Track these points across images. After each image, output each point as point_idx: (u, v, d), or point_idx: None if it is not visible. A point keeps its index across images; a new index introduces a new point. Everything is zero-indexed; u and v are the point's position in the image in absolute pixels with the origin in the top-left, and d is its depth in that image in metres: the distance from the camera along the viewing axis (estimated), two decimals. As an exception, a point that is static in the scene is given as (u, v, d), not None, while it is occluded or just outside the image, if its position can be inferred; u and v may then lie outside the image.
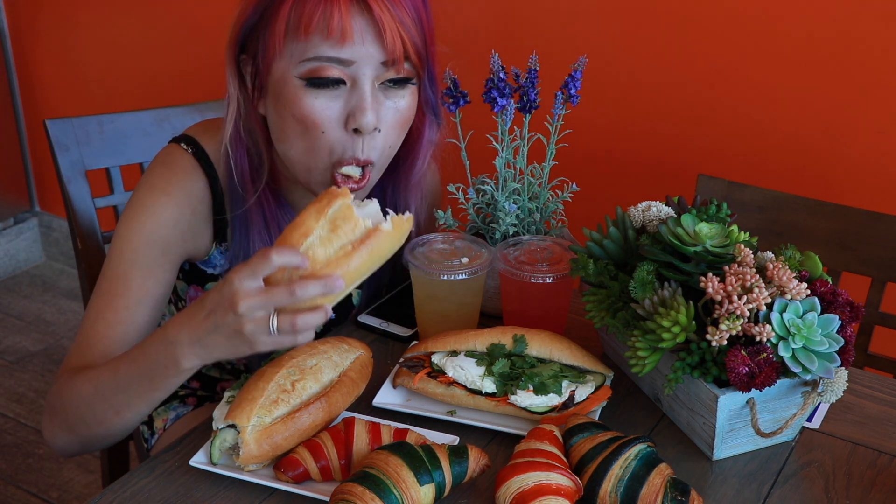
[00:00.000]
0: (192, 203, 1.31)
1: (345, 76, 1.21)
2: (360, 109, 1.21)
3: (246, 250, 1.33)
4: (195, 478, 1.13)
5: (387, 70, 1.22)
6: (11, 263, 3.28)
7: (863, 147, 1.91)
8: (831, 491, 1.14)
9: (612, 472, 1.07)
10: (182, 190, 1.30)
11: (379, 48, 1.20)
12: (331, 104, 1.22)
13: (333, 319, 1.47)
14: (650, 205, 1.29)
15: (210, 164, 1.32)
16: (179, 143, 1.34)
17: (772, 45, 1.93)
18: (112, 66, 2.91)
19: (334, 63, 1.20)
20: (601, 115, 2.13)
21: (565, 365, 1.25)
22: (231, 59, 1.27)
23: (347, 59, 1.20)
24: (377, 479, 1.04)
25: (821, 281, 1.16)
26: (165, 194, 1.29)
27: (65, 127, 1.66)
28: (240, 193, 1.31)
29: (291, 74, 1.21)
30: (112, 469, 1.77)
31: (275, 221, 1.34)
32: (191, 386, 1.59)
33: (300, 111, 1.22)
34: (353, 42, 1.18)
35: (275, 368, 1.16)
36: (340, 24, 1.17)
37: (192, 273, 1.40)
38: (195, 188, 1.31)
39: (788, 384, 1.15)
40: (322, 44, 1.19)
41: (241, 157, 1.29)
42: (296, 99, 1.21)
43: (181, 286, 1.42)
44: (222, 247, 1.37)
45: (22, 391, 2.72)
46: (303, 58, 1.20)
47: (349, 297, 1.49)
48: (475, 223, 1.50)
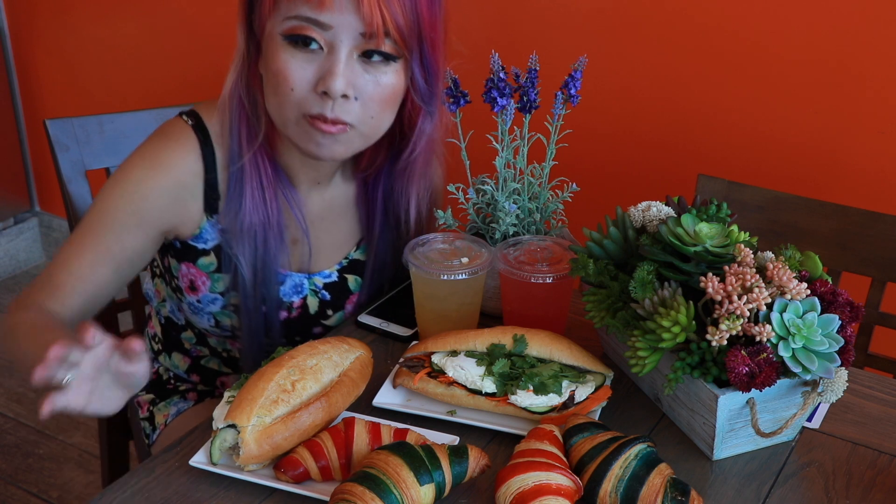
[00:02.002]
0: (178, 177, 1.34)
1: (323, 41, 1.24)
2: (330, 74, 1.23)
3: (238, 206, 1.35)
4: (195, 478, 1.13)
5: (366, 42, 1.24)
6: (11, 263, 3.28)
7: (863, 147, 1.91)
8: (831, 491, 1.14)
9: (612, 472, 1.07)
10: (170, 163, 1.33)
11: (357, 18, 1.22)
12: (305, 65, 1.25)
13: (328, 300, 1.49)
14: (650, 205, 1.29)
15: (208, 137, 1.35)
16: (182, 115, 1.37)
17: (772, 46, 1.93)
18: (112, 66, 2.91)
19: (313, 25, 1.23)
20: (601, 116, 2.13)
21: (565, 365, 1.25)
22: (242, 15, 1.30)
23: (326, 23, 1.22)
24: (377, 479, 1.04)
25: (821, 281, 1.16)
26: (152, 167, 1.33)
27: (65, 127, 1.67)
28: (237, 150, 1.34)
29: (276, 31, 1.25)
30: (112, 469, 1.77)
31: (268, 180, 1.36)
32: (191, 380, 1.60)
33: (275, 65, 1.25)
34: (332, 9, 1.21)
35: (275, 368, 1.16)
36: None
37: (183, 251, 1.41)
38: (186, 161, 1.34)
39: (788, 384, 1.15)
40: (304, 5, 1.22)
41: (238, 112, 1.33)
42: (275, 55, 1.25)
43: (174, 264, 1.43)
44: (213, 219, 1.38)
45: (22, 391, 2.72)
46: (286, 15, 1.23)
47: (345, 282, 1.50)
48: (475, 223, 1.50)
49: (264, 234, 1.37)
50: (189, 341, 1.56)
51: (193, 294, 1.43)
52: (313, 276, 1.47)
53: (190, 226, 1.38)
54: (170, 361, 1.60)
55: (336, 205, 1.47)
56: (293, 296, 1.46)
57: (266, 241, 1.37)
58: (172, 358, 1.59)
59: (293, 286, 1.45)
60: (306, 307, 1.47)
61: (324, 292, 1.48)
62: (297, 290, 1.46)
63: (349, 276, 1.49)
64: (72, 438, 2.54)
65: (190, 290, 1.43)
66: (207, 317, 1.45)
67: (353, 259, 1.50)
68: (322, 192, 1.44)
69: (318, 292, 1.47)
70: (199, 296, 1.43)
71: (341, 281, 1.49)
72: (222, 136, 1.36)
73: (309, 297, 1.47)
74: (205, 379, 1.60)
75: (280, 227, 1.39)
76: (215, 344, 1.54)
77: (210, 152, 1.35)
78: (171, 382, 1.61)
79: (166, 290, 1.51)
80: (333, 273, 1.48)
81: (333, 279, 1.48)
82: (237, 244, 1.36)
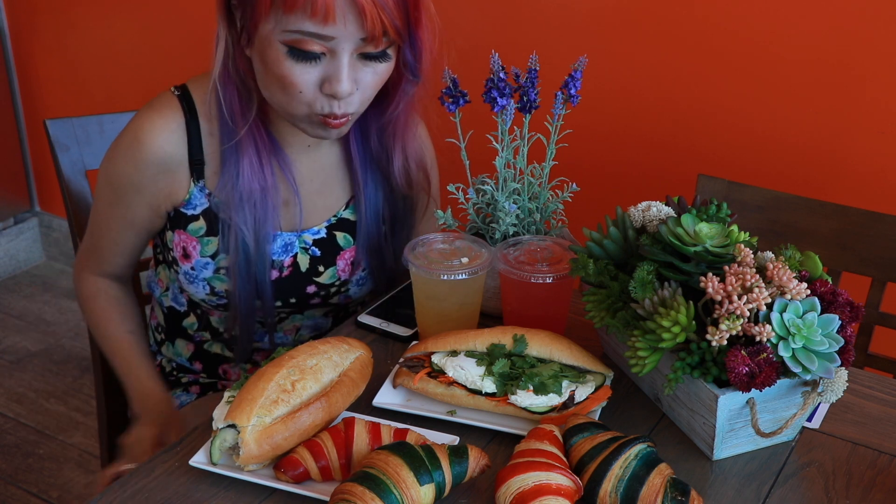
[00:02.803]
0: (162, 146, 1.40)
1: (325, 49, 1.27)
2: (336, 79, 1.28)
3: (234, 179, 1.40)
4: (195, 478, 1.13)
5: (366, 45, 1.28)
6: (11, 263, 3.28)
7: (863, 147, 1.91)
8: (831, 491, 1.14)
9: (612, 472, 1.07)
10: (154, 132, 1.40)
11: (359, 27, 1.25)
12: (309, 70, 1.29)
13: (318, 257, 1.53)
14: (650, 205, 1.28)
15: (192, 106, 1.42)
16: (173, 88, 1.44)
17: (772, 45, 1.93)
18: (112, 67, 2.91)
19: (315, 38, 1.26)
20: (601, 116, 2.13)
21: (565, 365, 1.25)
22: (221, 2, 1.33)
23: (328, 35, 1.25)
24: (377, 479, 1.04)
25: (821, 281, 1.16)
26: (136, 139, 1.40)
27: (65, 127, 1.67)
28: (230, 127, 1.39)
29: (275, 38, 1.27)
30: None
31: (265, 151, 1.42)
32: (194, 368, 1.61)
33: (279, 72, 1.29)
34: (335, 23, 1.24)
35: (275, 368, 1.16)
36: (324, 7, 1.23)
37: (175, 219, 1.46)
38: (168, 130, 1.40)
39: (788, 384, 1.15)
40: (306, 20, 1.24)
41: (230, 92, 1.38)
42: (277, 62, 1.29)
43: (169, 237, 1.48)
44: (200, 183, 1.43)
45: (22, 391, 2.72)
46: (286, 28, 1.26)
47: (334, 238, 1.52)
48: (475, 223, 1.50)
49: (263, 199, 1.42)
50: (191, 328, 1.59)
51: (187, 262, 1.47)
52: (303, 234, 1.50)
53: (180, 193, 1.44)
54: (173, 350, 1.62)
55: (326, 164, 1.51)
56: (283, 254, 1.49)
57: (264, 205, 1.42)
58: (176, 346, 1.61)
59: (283, 245, 1.48)
60: (297, 265, 1.50)
61: (314, 248, 1.50)
62: (287, 248, 1.49)
63: (338, 234, 1.52)
64: (72, 438, 2.54)
65: (184, 258, 1.47)
66: (203, 284, 1.48)
67: (342, 217, 1.53)
68: (311, 153, 1.49)
69: (307, 249, 1.50)
70: (192, 262, 1.47)
71: (330, 237, 1.52)
72: (211, 113, 1.41)
73: (299, 255, 1.50)
74: (208, 366, 1.61)
75: (276, 190, 1.44)
76: (217, 324, 1.56)
77: (194, 120, 1.42)
78: (173, 374, 1.63)
79: (167, 273, 1.56)
80: (322, 230, 1.51)
81: (322, 235, 1.51)
82: (237, 212, 1.41)
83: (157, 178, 1.42)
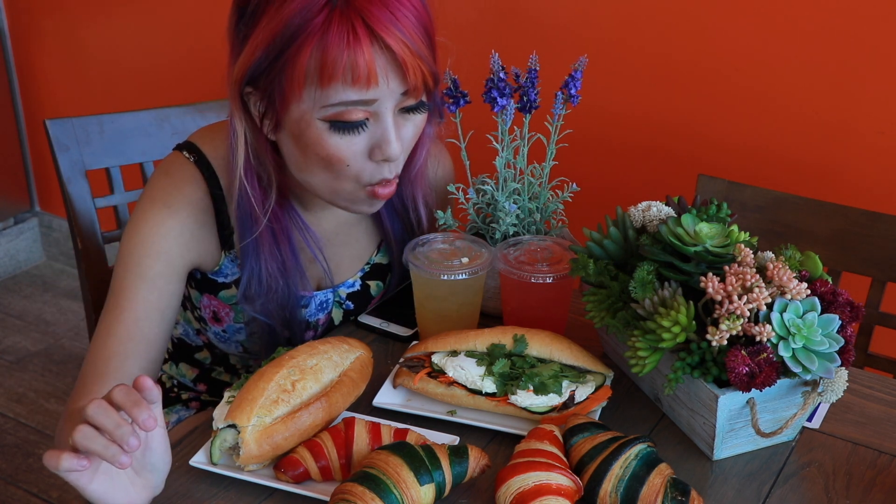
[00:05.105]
0: (194, 213, 1.30)
1: (368, 114, 1.20)
2: (385, 142, 1.21)
3: (258, 272, 1.32)
4: (195, 478, 1.13)
5: (406, 98, 1.22)
6: (11, 263, 3.28)
7: (863, 147, 1.91)
8: (831, 491, 1.14)
9: (612, 472, 1.08)
10: (183, 200, 1.30)
11: (400, 82, 1.19)
12: (355, 140, 1.21)
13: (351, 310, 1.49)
14: (650, 205, 1.29)
15: (212, 172, 1.32)
16: (182, 150, 1.33)
17: (772, 46, 1.93)
18: (112, 66, 2.91)
19: (359, 106, 1.19)
20: (601, 115, 2.13)
21: (565, 365, 1.25)
22: (235, 96, 1.23)
23: (371, 98, 1.19)
24: (377, 479, 1.04)
25: (821, 281, 1.16)
26: (167, 206, 1.29)
27: (65, 127, 1.66)
28: (250, 219, 1.30)
29: (313, 117, 1.19)
30: (112, 469, 1.76)
31: (283, 234, 1.33)
32: (196, 389, 1.59)
33: (325, 151, 1.21)
34: (377, 84, 1.17)
35: (275, 368, 1.16)
36: (366, 70, 1.15)
37: (203, 282, 1.39)
38: (196, 198, 1.31)
39: (788, 384, 1.15)
40: (347, 90, 1.17)
41: (252, 183, 1.28)
42: (320, 140, 1.21)
43: (195, 295, 1.41)
44: (231, 254, 1.36)
45: (22, 391, 2.72)
46: (326, 103, 1.18)
47: (367, 289, 1.49)
48: (475, 223, 1.50)
49: (285, 281, 1.35)
50: (204, 361, 1.56)
51: (218, 325, 1.42)
52: (338, 289, 1.46)
53: (210, 261, 1.36)
54: (176, 370, 1.58)
55: (350, 218, 1.45)
56: (319, 314, 1.45)
57: (287, 283, 1.35)
58: (180, 367, 1.58)
59: (318, 305, 1.44)
60: (331, 321, 1.47)
61: (347, 303, 1.48)
62: (323, 306, 1.45)
63: (371, 283, 1.49)
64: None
65: (214, 321, 1.42)
66: (235, 345, 1.44)
67: (375, 263, 1.49)
68: (332, 209, 1.41)
69: (342, 303, 1.47)
70: (224, 326, 1.42)
71: (364, 288, 1.48)
72: (231, 207, 1.31)
73: (334, 310, 1.47)
74: (212, 389, 1.58)
75: (299, 266, 1.36)
76: (235, 362, 1.54)
77: (217, 186, 1.32)
78: (174, 391, 1.60)
79: (184, 315, 1.49)
80: (357, 281, 1.48)
81: (356, 288, 1.48)
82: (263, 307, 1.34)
83: (188, 245, 1.31)
